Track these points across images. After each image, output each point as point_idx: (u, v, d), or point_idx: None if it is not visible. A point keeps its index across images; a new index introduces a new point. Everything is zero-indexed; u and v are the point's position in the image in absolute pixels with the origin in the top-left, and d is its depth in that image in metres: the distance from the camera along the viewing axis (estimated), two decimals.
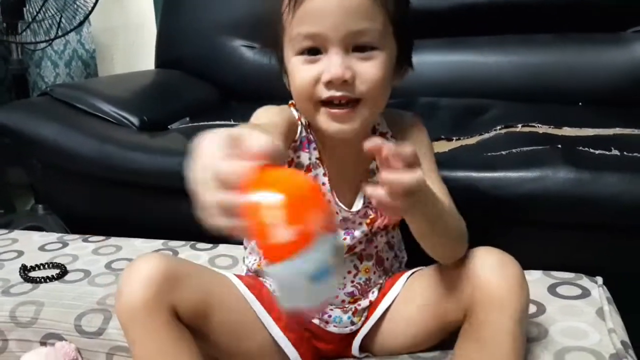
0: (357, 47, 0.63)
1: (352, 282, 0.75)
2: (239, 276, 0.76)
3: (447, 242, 0.67)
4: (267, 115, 0.69)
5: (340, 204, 0.72)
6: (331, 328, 0.75)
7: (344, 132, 0.66)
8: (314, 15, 0.62)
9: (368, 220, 0.74)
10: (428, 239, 0.65)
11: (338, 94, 0.63)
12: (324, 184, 0.72)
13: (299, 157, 0.72)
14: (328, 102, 0.64)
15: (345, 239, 0.73)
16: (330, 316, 0.74)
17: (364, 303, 0.76)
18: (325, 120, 0.66)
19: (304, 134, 0.71)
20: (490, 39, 1.44)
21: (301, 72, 0.65)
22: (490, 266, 0.65)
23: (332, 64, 0.62)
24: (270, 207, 0.33)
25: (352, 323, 0.75)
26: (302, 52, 0.64)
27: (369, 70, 0.63)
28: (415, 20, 1.40)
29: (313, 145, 0.72)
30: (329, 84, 0.63)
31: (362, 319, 0.75)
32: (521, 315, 0.63)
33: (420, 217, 0.60)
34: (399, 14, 0.65)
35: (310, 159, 0.72)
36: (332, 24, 0.61)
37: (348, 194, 0.72)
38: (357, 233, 0.73)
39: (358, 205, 0.73)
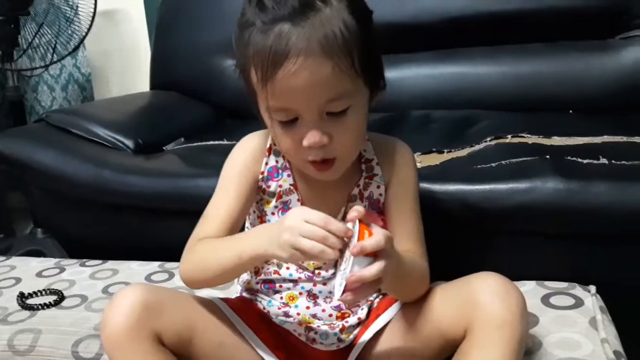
0: (330, 112, 0.65)
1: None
2: (225, 299, 0.77)
3: (409, 290, 0.72)
4: (232, 175, 0.76)
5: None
6: (317, 345, 0.75)
7: (328, 178, 0.71)
8: (284, 93, 0.63)
9: None
10: (391, 290, 0.71)
11: (318, 158, 0.67)
12: None
13: (269, 186, 0.76)
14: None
15: None
16: (316, 333, 0.75)
17: (352, 320, 0.76)
18: (310, 170, 0.70)
19: (272, 163, 0.75)
20: (480, 49, 1.45)
21: (281, 138, 0.69)
22: (493, 290, 0.65)
23: (309, 133, 0.65)
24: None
25: (340, 340, 0.75)
26: (278, 119, 0.67)
27: (344, 133, 0.66)
28: (405, 34, 1.43)
29: (287, 172, 0.75)
30: (310, 148, 0.66)
31: (351, 336, 0.76)
32: (519, 340, 0.64)
33: (386, 282, 0.64)
34: (365, 58, 0.65)
35: (281, 186, 0.75)
36: (302, 99, 0.63)
37: None
38: None
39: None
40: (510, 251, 0.95)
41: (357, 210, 0.60)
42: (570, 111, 1.30)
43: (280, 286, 0.77)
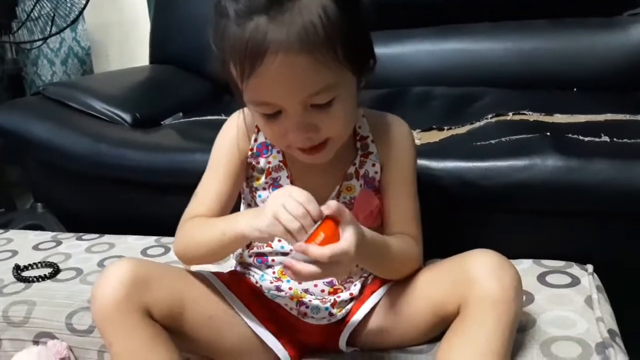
0: (314, 104, 0.62)
1: None
2: (216, 273, 0.77)
3: (392, 272, 0.73)
4: (221, 154, 0.75)
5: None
6: (308, 319, 0.75)
7: (318, 161, 0.68)
8: (264, 88, 0.60)
9: None
10: (371, 269, 0.73)
11: (306, 146, 0.66)
12: (288, 185, 0.73)
13: (258, 162, 0.75)
14: None
15: None
16: (307, 307, 0.75)
17: (344, 295, 0.75)
18: (299, 154, 0.68)
19: (262, 139, 0.74)
20: (483, 25, 1.42)
21: (266, 128, 0.67)
22: (488, 267, 0.65)
23: (293, 125, 0.63)
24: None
25: (331, 314, 0.75)
26: (261, 112, 0.64)
27: (331, 120, 0.64)
28: (406, 10, 1.40)
29: (277, 149, 0.74)
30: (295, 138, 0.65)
31: (343, 311, 0.75)
32: (513, 318, 0.64)
33: (361, 262, 0.63)
34: (350, 46, 0.61)
35: (269, 162, 0.74)
36: (283, 95, 0.61)
37: (317, 198, 0.70)
38: None
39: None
40: (508, 229, 0.94)
41: (328, 206, 0.59)
42: (575, 89, 1.28)
43: (273, 260, 0.76)
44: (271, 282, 0.76)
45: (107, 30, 2.20)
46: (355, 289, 0.76)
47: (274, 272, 0.76)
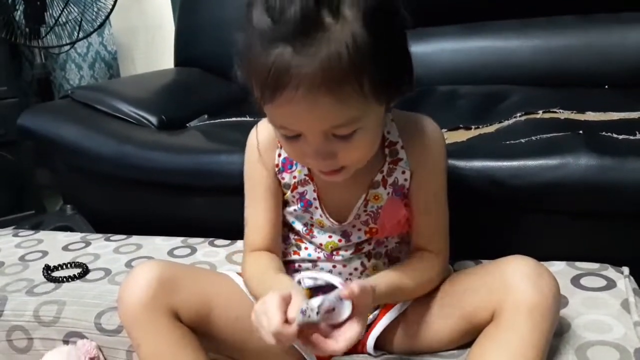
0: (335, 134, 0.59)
1: (359, 278, 0.74)
2: (241, 274, 0.76)
3: (410, 297, 0.73)
4: (253, 179, 0.75)
5: (331, 220, 0.73)
6: None
7: (337, 180, 0.66)
8: (284, 116, 0.58)
9: (367, 229, 0.73)
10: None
11: (324, 169, 0.64)
12: (314, 199, 0.72)
13: (283, 178, 0.73)
14: None
15: (340, 240, 0.74)
16: None
17: None
18: (317, 173, 0.68)
19: (285, 154, 0.72)
20: (510, 22, 1.40)
21: (286, 146, 0.65)
22: (524, 273, 0.63)
23: (311, 152, 0.60)
24: None
25: None
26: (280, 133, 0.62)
27: (350, 149, 0.61)
28: (431, 7, 1.38)
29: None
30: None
31: (371, 316, 0.74)
32: (550, 325, 0.62)
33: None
34: (380, 76, 0.56)
35: (295, 177, 0.73)
36: (303, 125, 0.58)
37: (344, 208, 0.70)
38: (355, 237, 0.73)
39: (350, 218, 0.73)
40: (539, 230, 0.91)
41: (349, 291, 0.57)
42: (606, 86, 1.24)
43: (300, 266, 0.76)
44: None
45: (133, 34, 2.22)
46: None
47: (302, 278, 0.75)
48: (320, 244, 0.75)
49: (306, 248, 0.75)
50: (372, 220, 0.72)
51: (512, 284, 0.62)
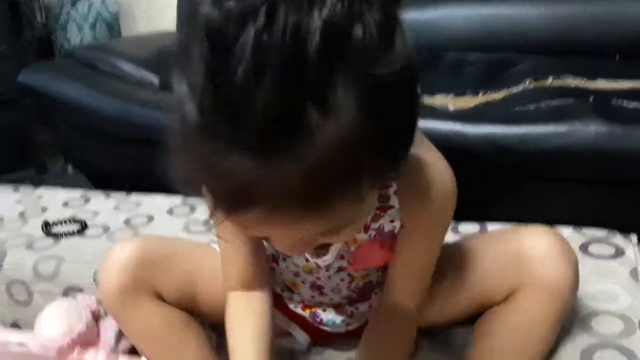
0: None
1: (348, 287, 0.64)
2: None
3: None
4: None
5: (311, 258, 0.59)
6: (324, 327, 0.68)
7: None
8: (250, 229, 0.41)
9: (344, 262, 0.61)
10: None
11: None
12: None
13: None
14: None
15: (318, 265, 0.61)
16: (322, 319, 0.68)
17: (363, 307, 0.66)
18: None
19: None
20: None
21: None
22: (546, 249, 0.56)
23: (286, 247, 0.45)
24: None
25: (348, 324, 0.68)
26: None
27: (334, 240, 0.49)
28: None
29: None
30: None
31: (363, 319, 0.67)
32: (567, 307, 0.57)
33: None
34: (381, 169, 0.39)
35: None
36: (276, 236, 0.43)
37: (320, 250, 0.57)
38: (336, 264, 0.61)
39: (330, 259, 0.59)
40: (547, 197, 0.91)
41: None
42: (617, 55, 1.22)
43: (281, 273, 0.66)
44: (282, 290, 0.68)
45: None
46: (377, 297, 0.66)
47: (284, 282, 0.67)
48: (297, 264, 0.63)
49: (284, 258, 0.63)
50: (349, 256, 0.60)
51: (531, 262, 0.56)
